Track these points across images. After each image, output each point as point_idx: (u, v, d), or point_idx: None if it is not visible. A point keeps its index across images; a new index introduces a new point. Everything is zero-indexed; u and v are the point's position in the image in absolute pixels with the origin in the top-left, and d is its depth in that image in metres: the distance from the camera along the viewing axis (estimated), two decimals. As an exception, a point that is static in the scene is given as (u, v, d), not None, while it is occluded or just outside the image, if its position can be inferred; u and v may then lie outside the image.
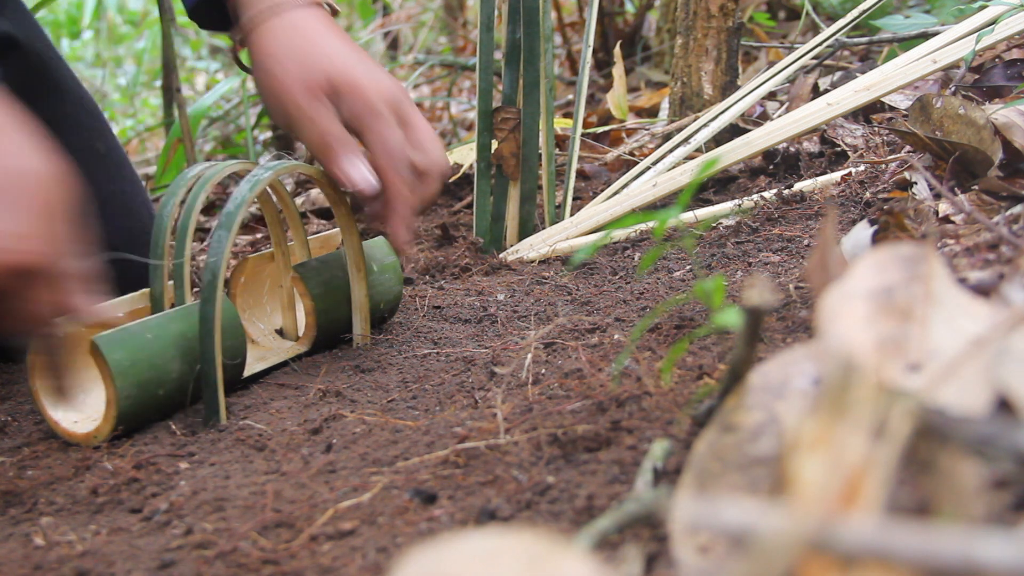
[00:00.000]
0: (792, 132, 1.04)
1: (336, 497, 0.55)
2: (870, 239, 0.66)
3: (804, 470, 0.31)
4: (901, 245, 0.46)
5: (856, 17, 1.19)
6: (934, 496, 0.34)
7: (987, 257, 0.59)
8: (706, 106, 1.31)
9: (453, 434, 0.60)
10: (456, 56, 2.68)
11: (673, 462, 0.49)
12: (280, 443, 0.65)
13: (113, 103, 3.39)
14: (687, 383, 0.59)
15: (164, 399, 0.71)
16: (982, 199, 0.78)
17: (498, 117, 1.07)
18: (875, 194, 0.95)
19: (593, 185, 1.36)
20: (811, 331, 0.64)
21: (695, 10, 1.30)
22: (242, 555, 0.50)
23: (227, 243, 0.71)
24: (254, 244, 1.40)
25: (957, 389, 0.38)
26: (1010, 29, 0.98)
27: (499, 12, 1.09)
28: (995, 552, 0.26)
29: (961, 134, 0.85)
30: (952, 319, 0.42)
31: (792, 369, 0.42)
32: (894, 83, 1.02)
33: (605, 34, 2.13)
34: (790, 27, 2.07)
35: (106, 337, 0.68)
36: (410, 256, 0.84)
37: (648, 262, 0.51)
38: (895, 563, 0.28)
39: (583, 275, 0.97)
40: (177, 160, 1.69)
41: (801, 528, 0.28)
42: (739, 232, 0.99)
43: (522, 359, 0.70)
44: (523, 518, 0.48)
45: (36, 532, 0.57)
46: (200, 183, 0.75)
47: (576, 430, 0.55)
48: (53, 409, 0.71)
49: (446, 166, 0.81)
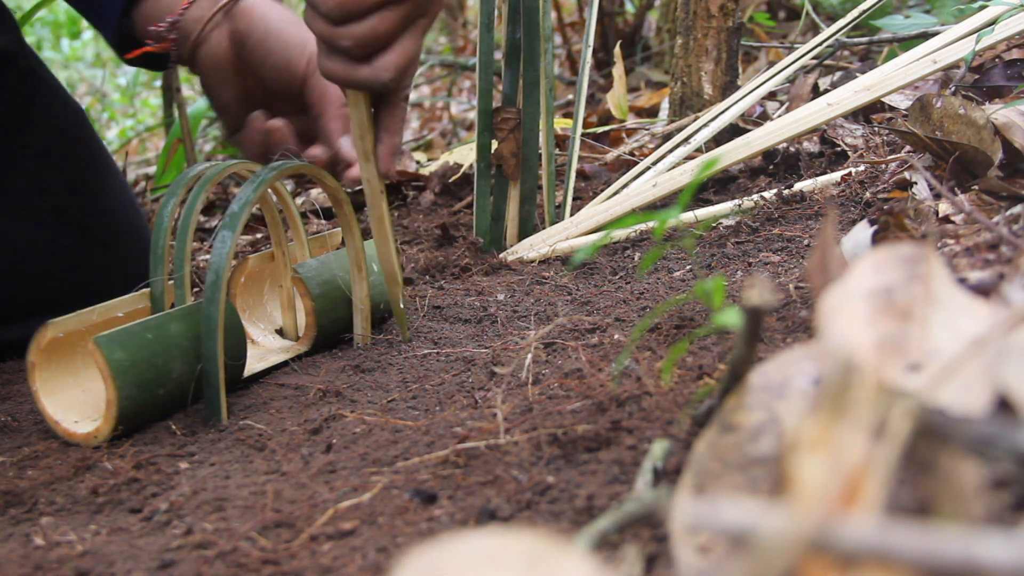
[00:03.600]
0: (792, 132, 1.04)
1: (336, 497, 0.55)
2: (870, 239, 0.66)
3: (804, 470, 0.31)
4: (901, 245, 0.46)
5: (856, 17, 1.19)
6: (934, 496, 0.34)
7: (987, 257, 0.59)
8: (706, 106, 1.31)
9: (453, 434, 0.60)
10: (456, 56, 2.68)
11: (673, 462, 0.49)
12: (280, 443, 0.65)
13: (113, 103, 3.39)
14: (687, 383, 0.59)
15: (164, 399, 0.71)
16: (982, 199, 0.78)
17: (498, 117, 1.07)
18: (875, 194, 0.95)
19: (593, 185, 1.36)
20: (811, 331, 0.64)
21: (695, 10, 1.30)
22: (242, 555, 0.50)
23: (231, 243, 0.71)
24: (254, 244, 1.40)
25: (957, 389, 0.38)
26: (1010, 29, 0.98)
27: (499, 12, 1.09)
28: (995, 552, 0.26)
29: (961, 134, 0.85)
30: (952, 319, 0.42)
31: (792, 369, 0.42)
32: (894, 83, 1.02)
33: (605, 34, 2.13)
34: (790, 27, 2.07)
35: (106, 337, 0.68)
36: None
37: (648, 262, 0.51)
38: (895, 563, 0.28)
39: (583, 275, 0.97)
40: (177, 160, 1.69)
41: (801, 528, 0.28)
42: (739, 232, 0.99)
43: (522, 359, 0.70)
44: (523, 518, 0.48)
45: (36, 532, 0.57)
46: (200, 183, 0.75)
47: (576, 430, 0.55)
48: (53, 409, 0.72)
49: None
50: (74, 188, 0.98)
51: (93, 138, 1.03)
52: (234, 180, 1.72)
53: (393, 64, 0.71)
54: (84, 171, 1.00)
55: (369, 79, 0.71)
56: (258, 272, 0.89)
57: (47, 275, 0.96)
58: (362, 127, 0.76)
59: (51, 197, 0.96)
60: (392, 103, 0.76)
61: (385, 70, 0.71)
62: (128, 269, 0.97)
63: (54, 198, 0.96)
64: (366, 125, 0.76)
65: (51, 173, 0.97)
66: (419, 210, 1.41)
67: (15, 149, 0.95)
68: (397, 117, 0.77)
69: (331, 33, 0.70)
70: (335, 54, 0.72)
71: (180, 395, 0.72)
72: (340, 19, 0.69)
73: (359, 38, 0.69)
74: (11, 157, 0.94)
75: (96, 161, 1.02)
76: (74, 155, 0.99)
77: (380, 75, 0.71)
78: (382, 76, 0.71)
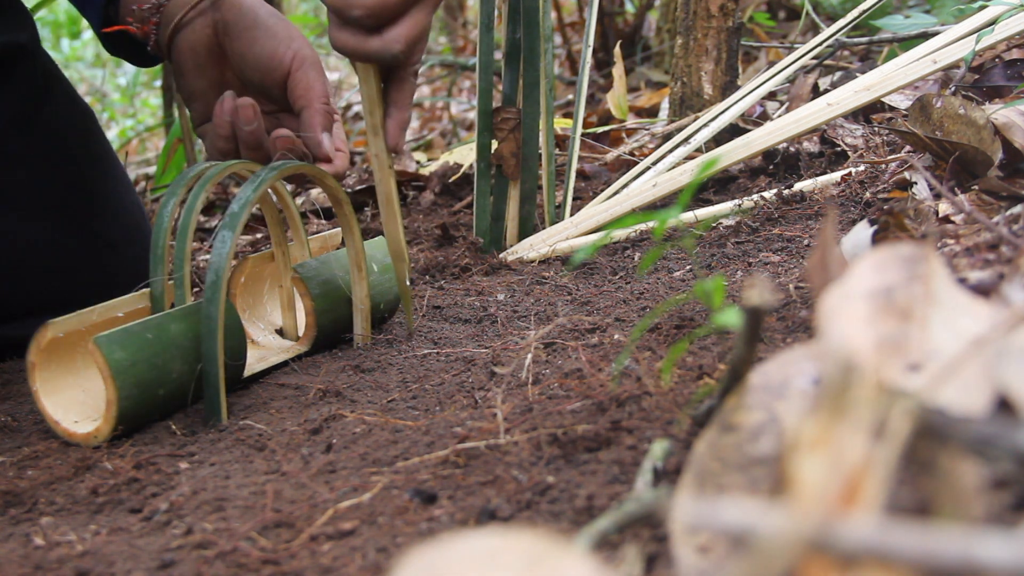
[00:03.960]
0: (792, 132, 1.04)
1: (336, 497, 0.55)
2: (870, 239, 0.66)
3: (804, 470, 0.31)
4: (901, 245, 0.46)
5: (856, 17, 1.20)
6: (934, 496, 0.34)
7: (987, 257, 0.59)
8: (706, 106, 1.31)
9: (453, 434, 0.60)
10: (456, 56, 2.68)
11: (673, 462, 0.49)
12: (280, 443, 0.65)
13: (113, 103, 3.39)
14: (687, 383, 0.59)
15: (164, 399, 0.71)
16: (982, 199, 0.78)
17: (498, 117, 1.07)
18: (875, 194, 0.95)
19: (593, 185, 1.36)
20: (811, 331, 0.64)
21: (695, 10, 1.30)
22: (242, 555, 0.50)
23: (231, 243, 0.71)
24: (254, 244, 1.40)
25: (957, 389, 0.38)
26: (1010, 29, 0.98)
27: (499, 12, 1.09)
28: (995, 552, 0.26)
29: (961, 134, 0.85)
30: (952, 319, 0.42)
31: (792, 369, 0.42)
32: (894, 83, 1.02)
33: (605, 34, 2.13)
34: (790, 27, 2.07)
35: (106, 337, 0.68)
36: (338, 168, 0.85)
37: (648, 262, 0.51)
38: (895, 563, 0.28)
39: (583, 275, 0.97)
40: (177, 160, 1.69)
41: (801, 528, 0.28)
42: (739, 232, 0.99)
43: (522, 359, 0.70)
44: (523, 518, 0.48)
45: (36, 532, 0.57)
46: (200, 183, 0.75)
47: (576, 430, 0.55)
48: (53, 409, 0.72)
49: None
50: (80, 188, 0.98)
51: (101, 139, 1.04)
52: (234, 180, 1.72)
53: (403, 36, 0.72)
54: (91, 171, 1.00)
55: (379, 51, 0.72)
56: (258, 272, 0.90)
57: (50, 274, 0.96)
58: (371, 101, 0.76)
59: (57, 196, 0.96)
60: (401, 78, 0.77)
61: (395, 42, 0.71)
62: (131, 270, 0.97)
63: (60, 197, 0.97)
64: (375, 99, 0.76)
65: (58, 172, 0.97)
66: (419, 210, 1.41)
67: (24, 146, 0.95)
68: (406, 92, 0.78)
69: (342, 3, 0.71)
70: (346, 26, 0.72)
71: (180, 395, 0.72)
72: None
73: (370, 8, 0.70)
74: (19, 155, 0.95)
75: (103, 162, 1.02)
76: (81, 155, 1.00)
77: (390, 47, 0.72)
78: (392, 48, 0.72)
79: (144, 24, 0.86)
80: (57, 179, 0.97)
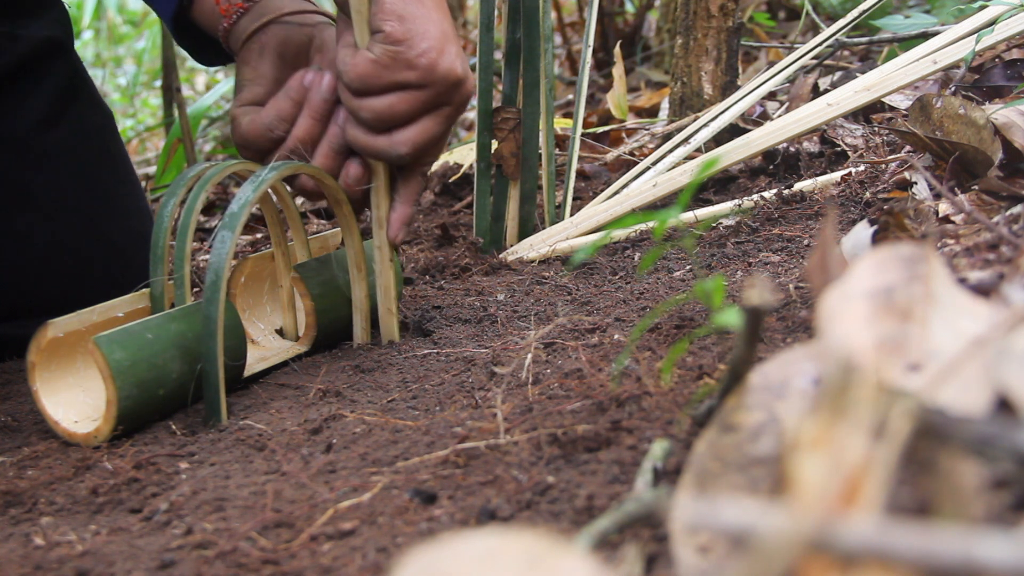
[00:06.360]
0: (792, 132, 1.04)
1: (336, 497, 0.55)
2: (870, 239, 0.66)
3: (804, 470, 0.31)
4: (901, 245, 0.46)
5: (856, 17, 1.20)
6: (934, 496, 0.34)
7: (987, 257, 0.59)
8: (706, 106, 1.31)
9: (453, 434, 0.60)
10: (456, 56, 2.67)
11: (673, 462, 0.49)
12: (280, 443, 0.65)
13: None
14: (687, 383, 0.59)
15: (164, 399, 0.71)
16: (982, 199, 0.78)
17: (498, 117, 1.07)
18: (875, 194, 0.95)
19: (593, 185, 1.36)
20: (811, 331, 0.64)
21: (695, 10, 1.30)
22: (242, 555, 0.50)
23: (230, 243, 0.71)
24: (254, 244, 1.40)
25: (957, 389, 0.38)
26: (1010, 29, 0.98)
27: (499, 12, 1.09)
28: (995, 552, 0.26)
29: (961, 134, 0.85)
30: (952, 319, 0.42)
31: (792, 369, 0.42)
32: (894, 83, 1.02)
33: (605, 34, 2.13)
34: (790, 27, 2.07)
35: (106, 337, 0.68)
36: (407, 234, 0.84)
37: (648, 262, 0.51)
38: (895, 563, 0.28)
39: (583, 275, 0.97)
40: (177, 160, 1.69)
41: (801, 528, 0.28)
42: (739, 232, 0.99)
43: (522, 359, 0.70)
44: (523, 518, 0.48)
45: (36, 532, 0.57)
46: (200, 183, 0.75)
47: (576, 430, 0.55)
48: (53, 409, 0.72)
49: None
50: (96, 191, 0.99)
51: (118, 143, 1.04)
52: (234, 180, 1.72)
53: (410, 140, 0.74)
54: (106, 175, 1.00)
55: (385, 150, 0.75)
56: (258, 272, 0.89)
57: (59, 276, 0.96)
58: (379, 194, 0.80)
59: (75, 198, 0.97)
60: (409, 175, 0.80)
61: (402, 144, 0.74)
62: (135, 275, 0.97)
63: (77, 199, 0.97)
64: (383, 193, 0.80)
65: (78, 174, 0.97)
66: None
67: (50, 145, 0.95)
68: (412, 189, 0.80)
69: (352, 104, 0.74)
70: (359, 124, 0.75)
71: (180, 395, 0.72)
72: (360, 92, 0.73)
73: (377, 112, 0.73)
74: (45, 153, 0.95)
75: (119, 166, 1.02)
76: (101, 158, 1.00)
77: (396, 148, 0.75)
78: (398, 149, 0.75)
79: (231, 4, 0.84)
80: (76, 181, 0.97)
